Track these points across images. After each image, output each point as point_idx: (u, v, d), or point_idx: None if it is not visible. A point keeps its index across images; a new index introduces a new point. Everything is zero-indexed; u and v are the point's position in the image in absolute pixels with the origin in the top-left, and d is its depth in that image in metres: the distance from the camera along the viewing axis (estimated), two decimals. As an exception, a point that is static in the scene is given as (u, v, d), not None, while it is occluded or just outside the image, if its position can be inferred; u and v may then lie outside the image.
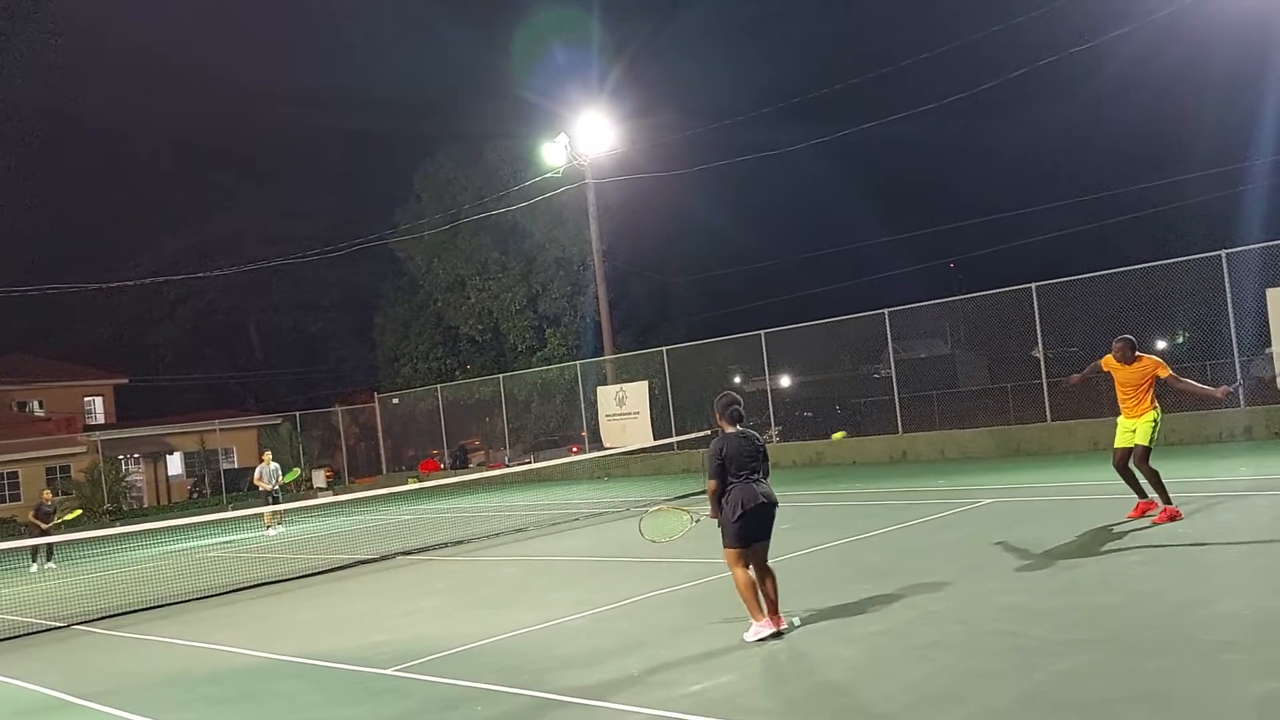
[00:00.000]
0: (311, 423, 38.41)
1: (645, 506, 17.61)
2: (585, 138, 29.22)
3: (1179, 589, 7.44)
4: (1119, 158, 51.84)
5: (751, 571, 7.14)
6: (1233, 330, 17.33)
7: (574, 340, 37.62)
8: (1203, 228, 37.34)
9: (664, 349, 26.75)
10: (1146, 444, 9.98)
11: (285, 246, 48.29)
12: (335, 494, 32.11)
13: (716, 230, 44.75)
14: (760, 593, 7.15)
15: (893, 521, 12.22)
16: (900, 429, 21.76)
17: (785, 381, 28.03)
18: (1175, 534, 9.51)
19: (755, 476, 7.14)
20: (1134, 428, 10.06)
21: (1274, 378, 16.87)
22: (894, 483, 16.62)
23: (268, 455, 23.98)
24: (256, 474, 23.08)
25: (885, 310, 22.42)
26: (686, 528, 8.07)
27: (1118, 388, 10.20)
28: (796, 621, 7.21)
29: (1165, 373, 9.94)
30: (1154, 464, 10.00)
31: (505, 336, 39.36)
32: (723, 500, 7.12)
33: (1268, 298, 16.58)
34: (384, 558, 14.77)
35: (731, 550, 7.12)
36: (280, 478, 22.77)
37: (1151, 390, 10.04)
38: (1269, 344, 16.71)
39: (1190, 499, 11.06)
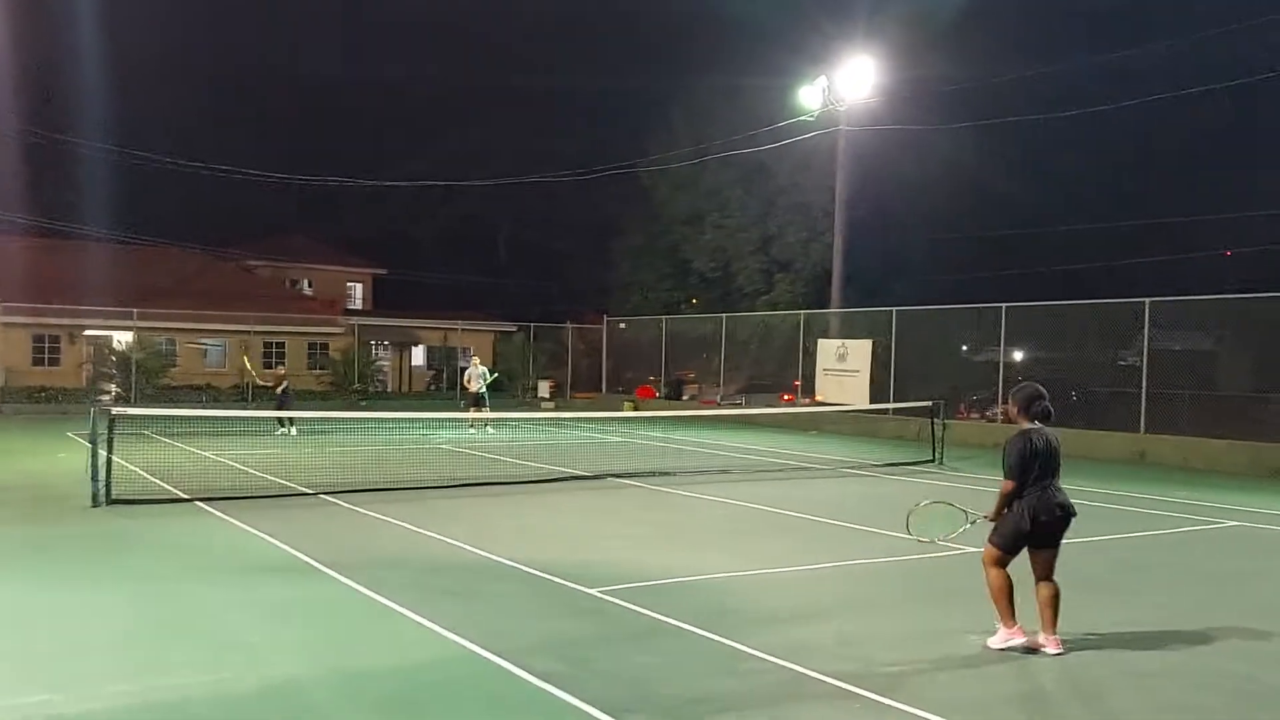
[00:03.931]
0: (543, 335, 40.08)
1: (856, 470, 17.49)
2: (846, 82, 28.50)
3: None
4: None
5: (1033, 583, 6.53)
6: None
7: (802, 288, 37.21)
8: None
9: (894, 309, 26.03)
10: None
11: (542, 163, 50.21)
12: (557, 406, 33.57)
13: (969, 191, 42.66)
14: (1037, 607, 6.52)
15: (1121, 529, 11.60)
16: (1142, 427, 20.42)
17: (1018, 356, 26.71)
18: None
19: (1054, 483, 6.50)
20: None
21: None
22: (1128, 486, 15.69)
23: (476, 359, 25.46)
24: (466, 375, 24.58)
25: (1146, 300, 20.94)
26: (959, 529, 7.36)
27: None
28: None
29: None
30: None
31: (735, 276, 39.43)
32: (1012, 504, 6.51)
33: None
34: (596, 477, 15.41)
35: (996, 550, 6.52)
36: (487, 379, 24.16)
37: None
38: None
39: None
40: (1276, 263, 39.92)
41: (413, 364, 44.44)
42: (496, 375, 27.03)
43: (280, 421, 21.92)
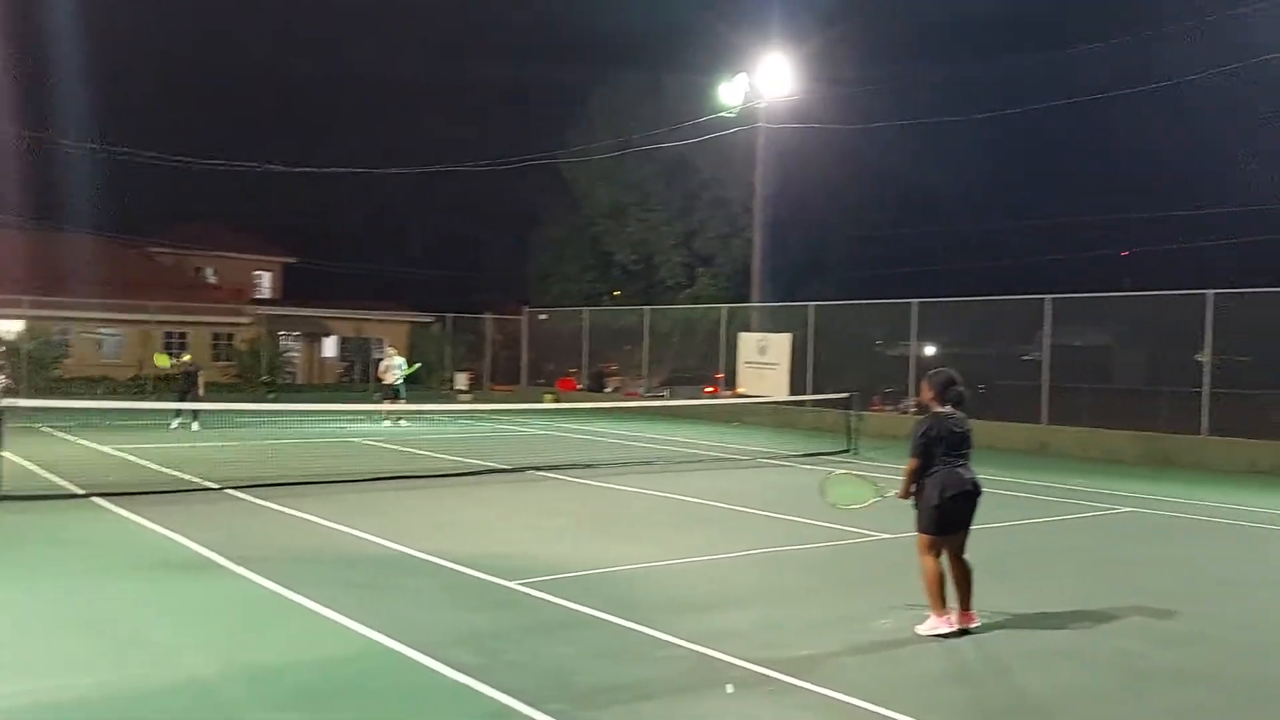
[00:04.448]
0: (461, 326, 39.69)
1: (775, 461, 17.71)
2: (765, 80, 28.78)
3: (1324, 639, 7.09)
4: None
5: (944, 561, 6.75)
6: None
7: (724, 282, 37.53)
8: None
9: (812, 304, 26.45)
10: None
11: (461, 152, 49.64)
12: (475, 398, 33.26)
13: (886, 190, 43.62)
14: (951, 584, 6.73)
15: (1024, 515, 11.95)
16: (1044, 419, 21.07)
17: (929, 351, 27.38)
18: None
19: (962, 461, 6.73)
20: None
21: None
22: (1030, 475, 16.18)
23: (393, 350, 25.02)
24: (382, 367, 24.14)
25: (1047, 296, 21.58)
26: (870, 501, 7.41)
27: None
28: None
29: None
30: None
31: (657, 269, 39.60)
32: (923, 483, 6.72)
33: None
34: (515, 470, 15.31)
35: (926, 536, 6.71)
36: (404, 371, 23.69)
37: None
38: None
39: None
40: (1170, 262, 41.60)
41: (324, 355, 43.59)
42: (418, 367, 26.62)
43: (177, 412, 21.05)
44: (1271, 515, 12.53)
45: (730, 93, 29.50)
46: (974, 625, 6.75)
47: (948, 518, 6.68)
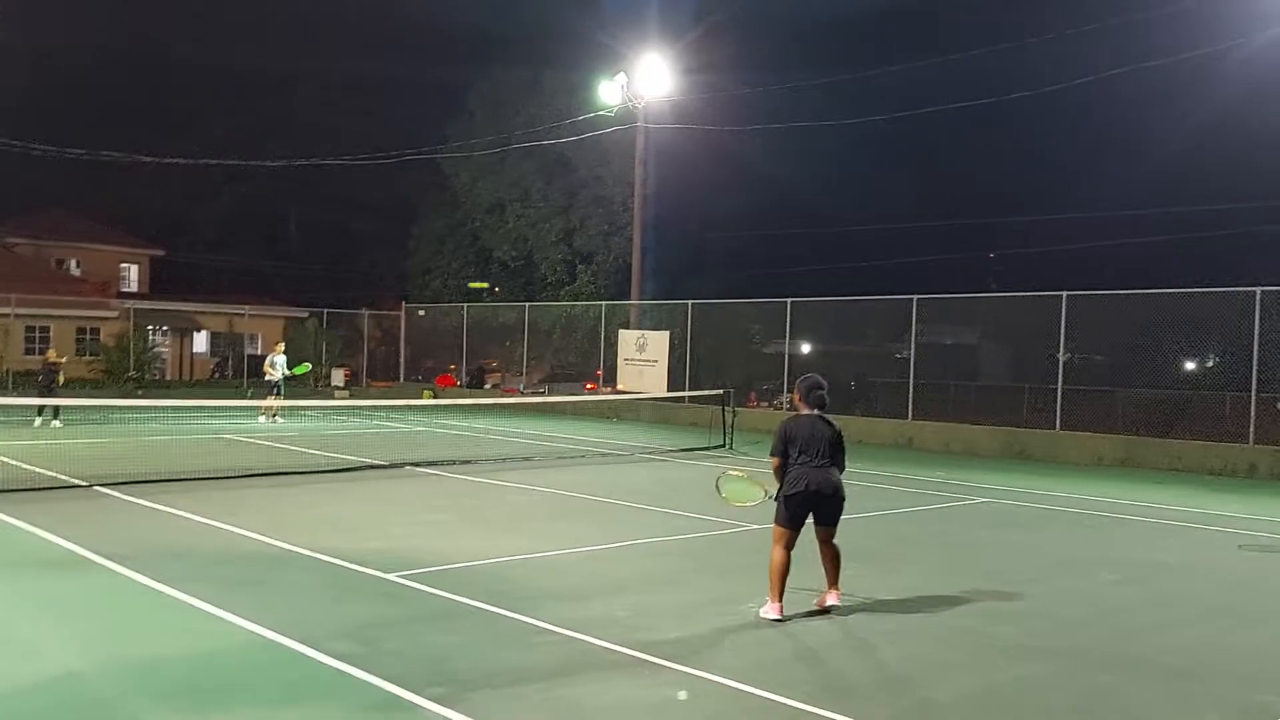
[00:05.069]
0: (336, 321, 38.97)
1: (653, 455, 18.08)
2: (644, 80, 29.18)
3: (1148, 612, 7.78)
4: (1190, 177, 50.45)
5: (817, 549, 7.25)
6: (1255, 365, 17.51)
7: (604, 280, 37.85)
8: (1247, 258, 37.05)
9: (690, 302, 26.99)
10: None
11: (337, 141, 48.46)
12: (351, 395, 32.74)
13: (761, 192, 44.64)
14: (822, 569, 7.33)
15: (888, 506, 12.58)
16: (910, 415, 22.04)
17: (805, 349, 28.23)
18: (1158, 561, 9.84)
19: (820, 462, 7.12)
20: None
21: None
22: (896, 468, 16.96)
23: (280, 346, 24.55)
24: (267, 362, 23.70)
25: (914, 296, 22.55)
26: (758, 500, 7.85)
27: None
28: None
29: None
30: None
31: (537, 266, 39.64)
32: (783, 479, 7.19)
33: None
34: (394, 465, 15.27)
35: (778, 527, 7.16)
36: (287, 370, 23.31)
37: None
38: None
39: (1184, 529, 11.38)
40: (1032, 264, 43.84)
41: (195, 350, 42.19)
42: (308, 367, 26.10)
43: (41, 408, 20.31)
44: (1112, 504, 13.50)
45: (610, 92, 29.81)
46: (836, 603, 7.26)
47: (796, 513, 7.15)
